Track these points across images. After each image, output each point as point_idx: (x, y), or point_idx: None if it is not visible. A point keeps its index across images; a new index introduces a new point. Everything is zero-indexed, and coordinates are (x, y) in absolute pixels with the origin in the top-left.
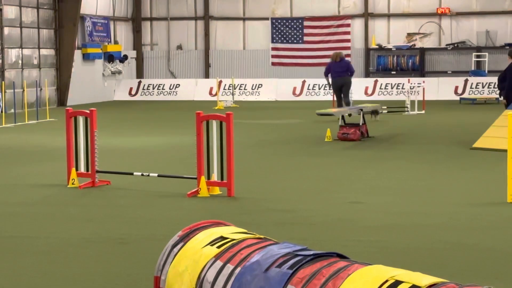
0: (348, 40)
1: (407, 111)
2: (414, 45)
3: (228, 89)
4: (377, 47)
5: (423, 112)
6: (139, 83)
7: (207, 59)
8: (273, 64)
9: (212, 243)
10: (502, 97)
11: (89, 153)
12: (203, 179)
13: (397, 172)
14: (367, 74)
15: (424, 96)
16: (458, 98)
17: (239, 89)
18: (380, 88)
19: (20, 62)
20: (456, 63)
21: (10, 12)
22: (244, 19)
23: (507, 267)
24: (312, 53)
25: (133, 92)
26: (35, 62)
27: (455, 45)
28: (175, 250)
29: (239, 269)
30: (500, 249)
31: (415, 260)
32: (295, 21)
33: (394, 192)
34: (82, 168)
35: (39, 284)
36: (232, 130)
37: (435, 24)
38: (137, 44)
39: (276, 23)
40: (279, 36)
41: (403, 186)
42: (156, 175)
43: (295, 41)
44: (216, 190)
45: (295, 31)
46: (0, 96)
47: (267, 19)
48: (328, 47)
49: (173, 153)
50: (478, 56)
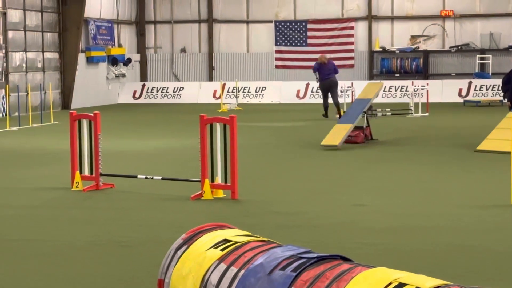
0: (351, 43)
1: (411, 113)
2: (418, 47)
3: (232, 92)
4: (380, 49)
5: (427, 114)
6: (143, 86)
7: (211, 62)
8: (276, 66)
9: (216, 246)
10: (506, 99)
11: (93, 156)
12: (207, 182)
13: (400, 174)
14: (371, 77)
15: (428, 99)
16: (462, 101)
17: (243, 92)
18: (384, 91)
19: (24, 65)
20: (460, 65)
21: (14, 15)
22: (247, 22)
23: (511, 269)
24: (315, 55)
25: (137, 95)
26: (39, 65)
27: (459, 47)
28: (179, 253)
29: (242, 271)
30: (504, 251)
31: (418, 262)
32: (298, 24)
33: (397, 194)
34: (86, 171)
35: (42, 286)
36: (236, 133)
37: (438, 27)
38: (141, 47)
39: (280, 26)
40: (283, 39)
41: (407, 188)
42: (160, 178)
43: (298, 44)
44: (220, 193)
45: (298, 34)
46: (4, 99)
47: (270, 22)
48: (331, 50)
49: (177, 156)
50: (482, 59)
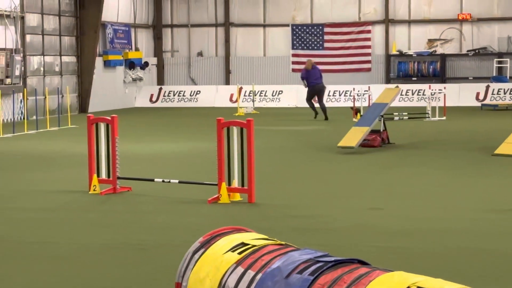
0: (368, 47)
1: (428, 117)
2: (435, 51)
3: (249, 95)
4: (397, 53)
5: (444, 118)
6: (160, 89)
7: (228, 65)
8: (293, 70)
9: (233, 249)
10: None
11: (110, 159)
12: (224, 185)
13: (417, 178)
14: (388, 81)
15: (445, 102)
16: (479, 104)
17: (260, 95)
18: (401, 94)
19: (42, 69)
20: (478, 69)
21: (32, 19)
22: (264, 26)
23: None
24: (332, 59)
25: (154, 98)
26: (57, 69)
27: (476, 51)
28: (196, 256)
29: (260, 275)
30: None
31: (435, 266)
32: (315, 27)
33: (414, 198)
34: (104, 175)
35: None
36: (252, 136)
37: (456, 30)
38: (158, 51)
39: (297, 30)
40: (300, 42)
41: (423, 192)
42: (177, 181)
43: (315, 47)
44: (237, 197)
45: (315, 38)
46: (22, 103)
47: (287, 25)
48: (348, 54)
49: (193, 159)
50: (499, 62)
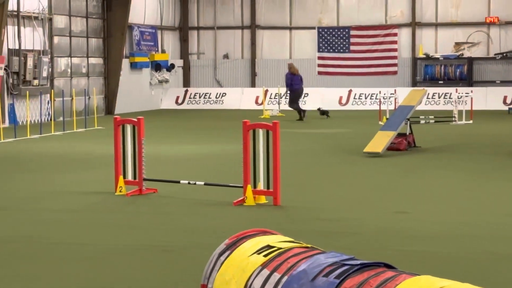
0: (395, 50)
1: (455, 121)
2: (462, 54)
3: (274, 98)
4: (424, 56)
5: (471, 122)
6: (186, 91)
7: (254, 68)
8: (319, 73)
9: (259, 252)
10: None
11: (136, 161)
12: (249, 187)
13: (443, 182)
14: (414, 84)
15: (472, 106)
16: (506, 108)
17: (285, 98)
18: (428, 98)
19: (69, 70)
20: (505, 72)
21: (60, 21)
22: (290, 28)
23: None
24: (358, 62)
25: (179, 100)
26: (84, 70)
27: (504, 54)
28: (222, 258)
29: (286, 278)
30: None
31: (461, 271)
32: (341, 30)
33: (440, 202)
34: (130, 176)
35: None
36: (278, 139)
37: (483, 33)
38: (184, 53)
39: (323, 32)
40: (326, 45)
41: (450, 196)
42: (202, 183)
43: (341, 50)
44: (262, 199)
45: (341, 40)
46: (50, 104)
47: (313, 28)
48: (374, 57)
49: (219, 161)
50: None
